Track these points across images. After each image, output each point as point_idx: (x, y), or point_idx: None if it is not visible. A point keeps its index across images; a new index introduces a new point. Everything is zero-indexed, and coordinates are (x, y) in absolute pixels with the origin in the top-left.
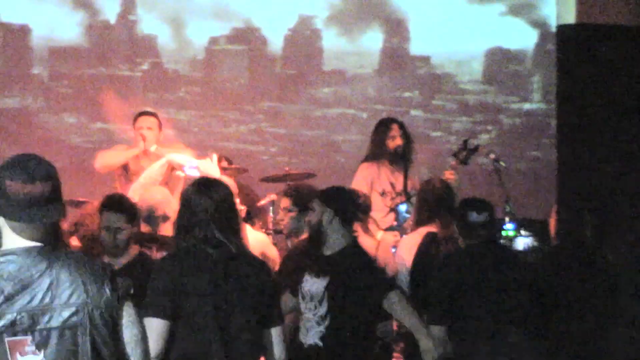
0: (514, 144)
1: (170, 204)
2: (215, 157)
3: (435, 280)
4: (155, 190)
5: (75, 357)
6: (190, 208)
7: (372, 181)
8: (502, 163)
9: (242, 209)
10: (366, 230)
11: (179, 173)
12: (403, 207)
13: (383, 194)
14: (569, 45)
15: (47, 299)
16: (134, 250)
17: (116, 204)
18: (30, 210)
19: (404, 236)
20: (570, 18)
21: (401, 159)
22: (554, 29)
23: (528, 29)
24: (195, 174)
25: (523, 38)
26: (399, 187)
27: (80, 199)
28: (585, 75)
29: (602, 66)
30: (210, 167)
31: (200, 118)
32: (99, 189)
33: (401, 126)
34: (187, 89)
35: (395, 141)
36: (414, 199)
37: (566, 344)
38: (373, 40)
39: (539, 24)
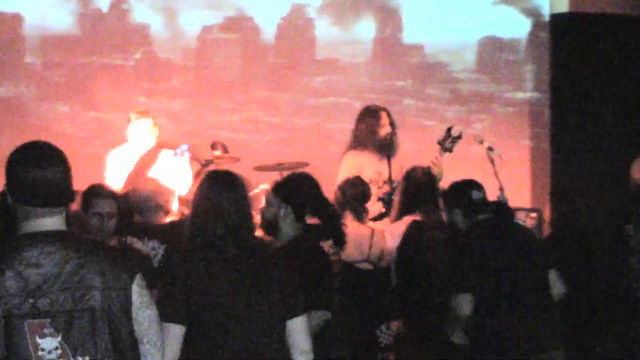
0: (508, 132)
1: (163, 194)
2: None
3: (461, 249)
4: (148, 181)
5: (94, 339)
6: (206, 204)
7: (362, 170)
8: (497, 152)
9: None
10: (361, 219)
11: (170, 156)
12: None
13: (370, 182)
14: (562, 34)
15: (66, 283)
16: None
17: (106, 190)
18: (44, 194)
19: (389, 225)
20: (564, 7)
21: (389, 146)
22: (547, 18)
23: (521, 18)
24: (187, 157)
25: (516, 27)
26: (385, 175)
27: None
28: (579, 64)
29: (595, 55)
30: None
31: (193, 107)
32: (91, 178)
33: (388, 114)
34: (180, 78)
35: (384, 129)
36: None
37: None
38: (366, 29)
39: (532, 13)
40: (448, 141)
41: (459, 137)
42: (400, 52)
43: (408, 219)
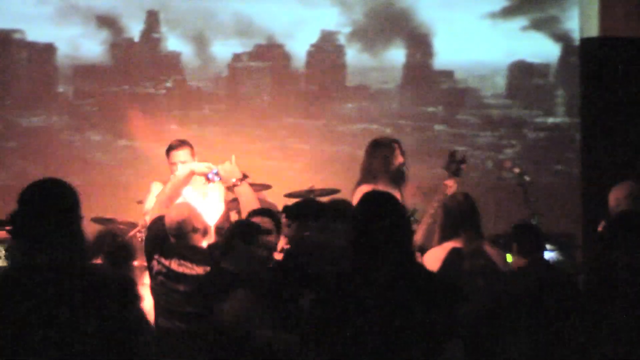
0: (538, 158)
1: (197, 217)
2: (233, 157)
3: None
4: (182, 206)
5: None
6: (366, 228)
7: None
8: (526, 177)
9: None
10: None
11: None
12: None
13: None
14: (592, 59)
15: None
16: None
17: None
18: None
19: (429, 250)
20: (593, 31)
21: (401, 177)
22: (577, 43)
23: (551, 43)
24: (217, 179)
25: (546, 52)
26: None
27: (107, 217)
28: (609, 88)
29: (625, 79)
30: (231, 170)
31: (224, 135)
32: (124, 206)
33: (399, 144)
34: (211, 106)
35: (398, 160)
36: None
37: None
38: (396, 55)
39: (562, 38)
40: (454, 166)
41: (463, 161)
42: (430, 78)
43: (448, 246)
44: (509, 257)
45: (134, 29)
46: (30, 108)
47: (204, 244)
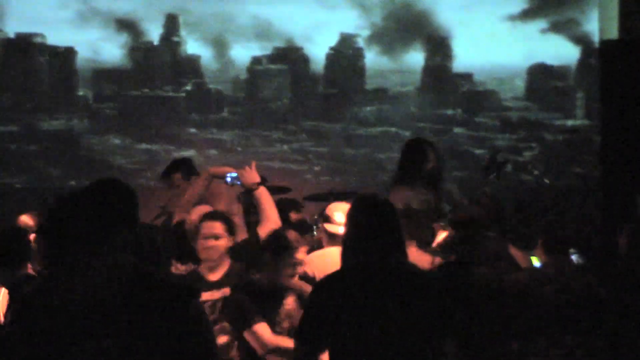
0: (557, 160)
1: None
2: (253, 164)
3: None
4: (201, 210)
5: None
6: (357, 227)
7: (409, 202)
8: (545, 180)
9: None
10: (423, 247)
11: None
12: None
13: (419, 212)
14: (612, 61)
15: None
16: None
17: None
18: None
19: None
20: (613, 33)
21: (436, 179)
22: (596, 45)
23: (570, 45)
24: (237, 183)
25: (565, 54)
26: (434, 204)
27: None
28: (629, 90)
29: None
30: (250, 175)
31: (243, 138)
32: (143, 208)
33: (433, 148)
34: (230, 108)
35: (430, 164)
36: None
37: None
38: (415, 58)
39: (582, 40)
40: (494, 168)
41: (505, 163)
42: (449, 81)
43: None
44: (535, 259)
45: (154, 33)
46: (51, 111)
47: None
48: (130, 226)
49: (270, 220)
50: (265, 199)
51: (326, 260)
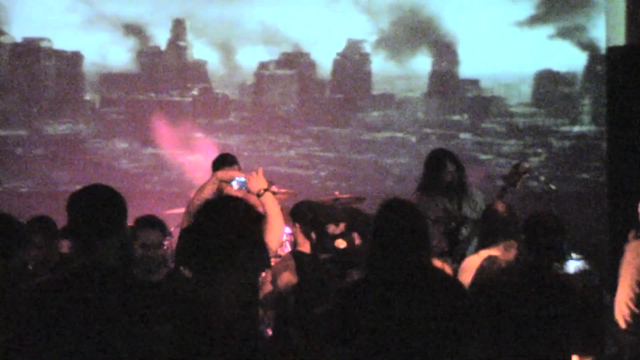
0: (564, 166)
1: None
2: (260, 170)
3: None
4: None
5: None
6: (383, 232)
7: (427, 210)
8: (552, 186)
9: None
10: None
11: (228, 188)
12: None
13: (436, 221)
14: (619, 67)
15: None
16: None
17: (150, 221)
18: None
19: (466, 258)
20: (620, 40)
21: (456, 188)
22: (603, 51)
23: (577, 51)
24: (243, 188)
25: (572, 60)
26: (454, 213)
27: (131, 225)
28: (636, 96)
29: None
30: (257, 180)
31: (250, 142)
32: (148, 213)
33: (453, 158)
34: (236, 113)
35: (448, 175)
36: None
37: None
38: (422, 63)
39: (588, 46)
40: (515, 177)
41: (526, 172)
42: (456, 87)
43: (484, 253)
44: None
45: (161, 37)
46: (57, 116)
47: None
48: (117, 231)
49: (275, 226)
50: (270, 204)
51: None
